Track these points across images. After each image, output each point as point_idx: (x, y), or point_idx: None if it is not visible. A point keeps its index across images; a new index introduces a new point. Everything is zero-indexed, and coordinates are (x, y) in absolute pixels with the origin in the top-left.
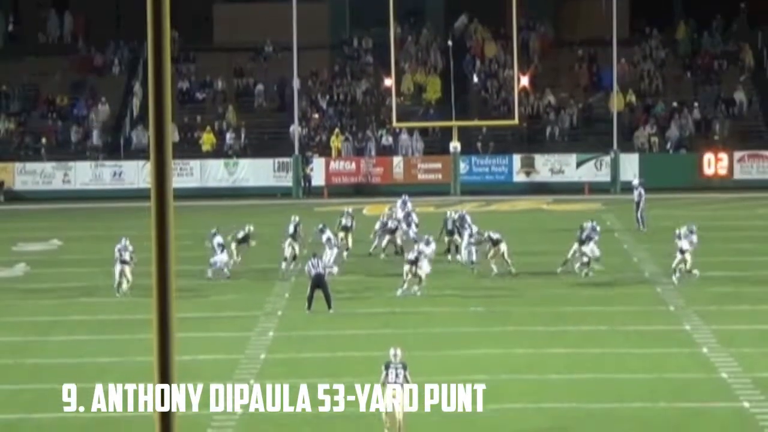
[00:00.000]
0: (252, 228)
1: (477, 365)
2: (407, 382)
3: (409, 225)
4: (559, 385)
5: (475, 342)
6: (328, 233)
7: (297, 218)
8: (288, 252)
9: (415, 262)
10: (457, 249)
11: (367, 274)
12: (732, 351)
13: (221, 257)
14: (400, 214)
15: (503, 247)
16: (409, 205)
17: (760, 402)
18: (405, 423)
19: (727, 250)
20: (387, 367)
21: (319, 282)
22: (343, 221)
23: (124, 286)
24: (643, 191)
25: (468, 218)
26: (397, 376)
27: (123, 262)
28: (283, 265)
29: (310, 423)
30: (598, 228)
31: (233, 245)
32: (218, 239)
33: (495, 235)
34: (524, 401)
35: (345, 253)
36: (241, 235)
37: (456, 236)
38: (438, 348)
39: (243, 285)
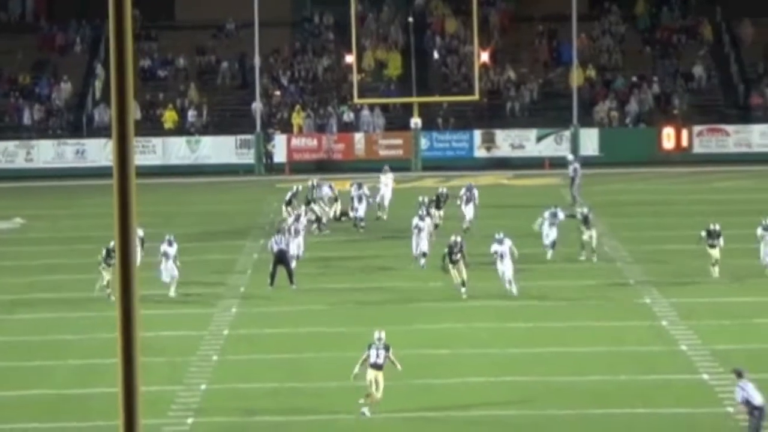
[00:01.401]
0: (299, 188)
1: (441, 339)
2: (391, 361)
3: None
4: (521, 359)
5: (438, 317)
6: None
7: (315, 181)
8: (314, 215)
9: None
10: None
11: (330, 250)
12: (691, 324)
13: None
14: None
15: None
16: (390, 174)
17: (718, 374)
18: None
19: (685, 223)
20: (369, 347)
21: (281, 258)
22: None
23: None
24: (578, 167)
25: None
26: (378, 356)
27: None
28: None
29: (273, 397)
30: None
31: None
32: (170, 248)
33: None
34: (486, 374)
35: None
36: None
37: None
38: (402, 323)
39: (205, 262)
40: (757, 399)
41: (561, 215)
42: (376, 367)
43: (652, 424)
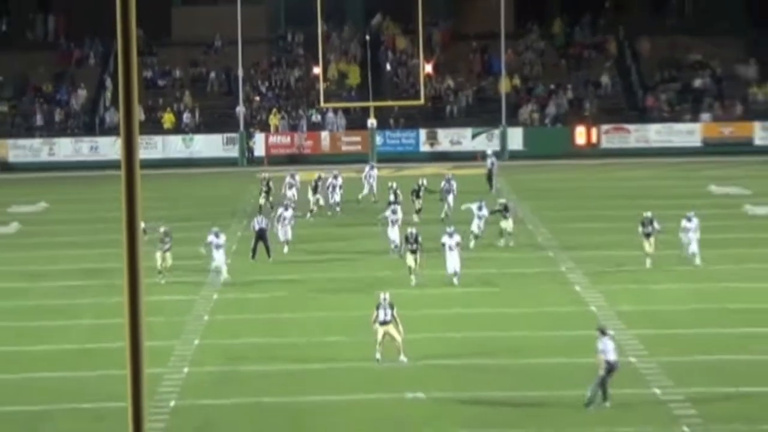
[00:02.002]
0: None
1: (395, 302)
2: (395, 318)
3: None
4: (457, 318)
5: (392, 284)
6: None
7: (318, 174)
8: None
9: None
10: (419, 212)
11: (304, 228)
12: (600, 288)
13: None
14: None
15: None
16: (375, 171)
17: (622, 330)
18: (403, 344)
19: (595, 205)
20: (378, 308)
21: (261, 235)
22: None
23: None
24: (495, 160)
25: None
26: (386, 314)
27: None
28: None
29: (255, 350)
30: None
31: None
32: (218, 239)
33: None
34: (429, 331)
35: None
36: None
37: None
38: (360, 288)
39: (197, 238)
40: (612, 356)
41: (485, 211)
42: (386, 323)
43: (565, 372)
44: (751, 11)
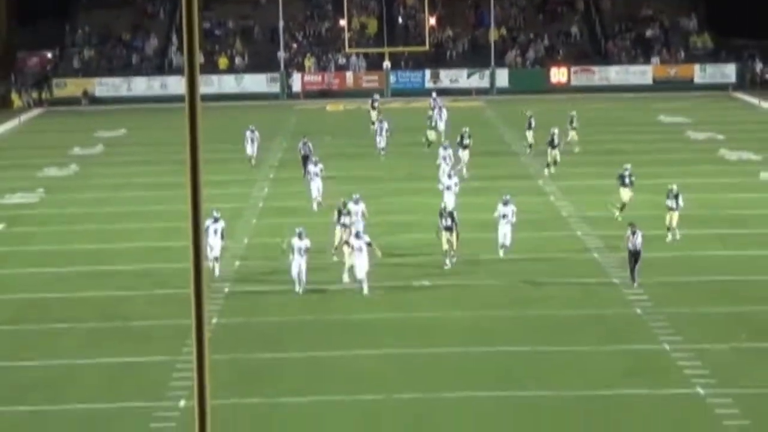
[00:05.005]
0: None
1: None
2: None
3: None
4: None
5: (405, 191)
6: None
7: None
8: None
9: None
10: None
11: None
12: (570, 198)
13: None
14: (438, 104)
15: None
16: (439, 100)
17: (588, 231)
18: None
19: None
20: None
21: (305, 160)
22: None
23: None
24: (444, 109)
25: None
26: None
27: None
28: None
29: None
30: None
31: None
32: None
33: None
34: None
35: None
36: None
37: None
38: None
39: (241, 157)
40: (636, 246)
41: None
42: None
43: (563, 294)
44: None
